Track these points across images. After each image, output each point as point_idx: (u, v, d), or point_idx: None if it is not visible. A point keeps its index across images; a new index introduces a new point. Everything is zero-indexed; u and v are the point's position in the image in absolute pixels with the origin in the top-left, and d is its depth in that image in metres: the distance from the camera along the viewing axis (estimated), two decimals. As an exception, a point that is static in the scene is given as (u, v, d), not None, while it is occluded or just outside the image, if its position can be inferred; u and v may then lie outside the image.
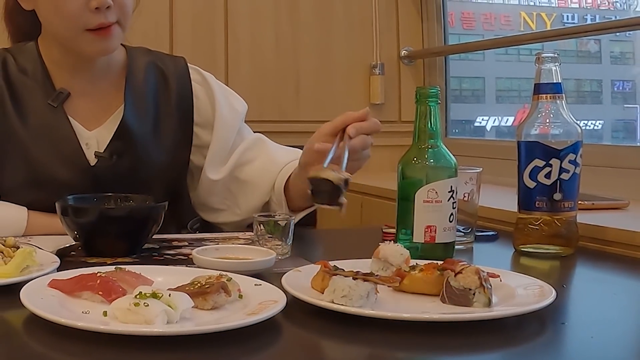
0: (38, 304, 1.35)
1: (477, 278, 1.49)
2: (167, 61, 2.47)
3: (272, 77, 4.00)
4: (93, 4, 2.11)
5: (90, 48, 2.20)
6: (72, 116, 2.27)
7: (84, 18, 2.13)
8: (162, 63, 2.44)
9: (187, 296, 1.39)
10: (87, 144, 2.27)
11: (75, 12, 2.12)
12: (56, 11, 2.15)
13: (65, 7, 2.12)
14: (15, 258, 1.63)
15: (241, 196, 2.44)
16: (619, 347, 1.39)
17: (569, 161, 2.08)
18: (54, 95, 2.26)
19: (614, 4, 4.18)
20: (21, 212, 2.21)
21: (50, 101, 2.25)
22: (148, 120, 2.35)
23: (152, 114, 2.36)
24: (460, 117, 4.58)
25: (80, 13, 2.13)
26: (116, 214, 2.02)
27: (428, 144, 1.98)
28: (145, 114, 2.35)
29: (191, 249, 1.90)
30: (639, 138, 4.15)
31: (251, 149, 2.46)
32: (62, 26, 2.18)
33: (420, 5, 4.32)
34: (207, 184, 2.43)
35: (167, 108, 2.39)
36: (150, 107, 2.36)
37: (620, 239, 2.16)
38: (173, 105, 2.39)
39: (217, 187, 2.43)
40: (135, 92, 2.35)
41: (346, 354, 1.35)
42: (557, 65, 2.11)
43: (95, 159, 2.26)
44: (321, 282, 1.53)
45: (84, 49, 2.20)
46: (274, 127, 3.85)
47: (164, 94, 2.40)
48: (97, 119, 2.32)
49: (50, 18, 2.20)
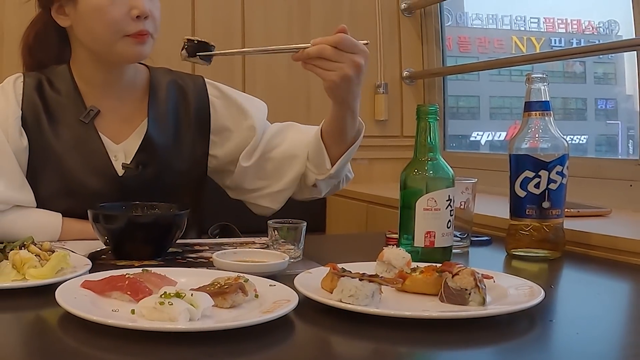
0: (71, 303, 1.36)
1: (472, 279, 1.48)
2: (187, 79, 2.48)
3: (285, 94, 4.00)
4: (134, 12, 2.14)
5: (128, 52, 2.20)
6: (101, 131, 2.28)
7: (125, 24, 2.16)
8: (182, 81, 2.45)
9: (207, 296, 1.39)
10: (115, 156, 2.28)
11: (118, 18, 2.15)
12: (100, 18, 2.16)
13: (110, 13, 2.14)
14: (50, 261, 1.63)
15: (276, 173, 2.42)
16: (602, 343, 1.39)
17: (557, 172, 2.08)
18: (85, 112, 2.27)
19: (598, 29, 4.18)
20: (56, 219, 2.21)
21: (82, 118, 2.26)
22: (169, 133, 2.36)
23: (173, 128, 2.37)
24: (457, 132, 4.58)
25: (122, 19, 2.15)
26: (143, 221, 2.02)
27: (428, 157, 1.98)
28: (167, 128, 2.36)
29: (211, 253, 1.90)
30: (620, 151, 4.14)
31: (281, 131, 2.46)
32: (104, 32, 2.18)
33: (420, 30, 4.31)
34: (240, 171, 2.41)
35: (186, 122, 2.40)
36: (171, 121, 2.37)
37: (603, 244, 2.16)
38: (192, 118, 2.40)
39: (250, 171, 2.41)
40: (157, 108, 2.36)
41: (353, 348, 1.35)
42: (545, 85, 2.11)
43: (123, 170, 2.26)
44: (330, 283, 1.52)
45: (122, 52, 2.20)
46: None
47: (183, 109, 2.41)
48: (123, 133, 2.32)
49: (92, 25, 2.19)
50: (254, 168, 2.40)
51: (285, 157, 2.40)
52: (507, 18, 4.78)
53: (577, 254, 2.19)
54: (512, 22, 4.81)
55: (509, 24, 4.81)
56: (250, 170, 2.40)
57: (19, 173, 2.22)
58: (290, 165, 2.40)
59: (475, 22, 4.76)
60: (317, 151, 2.30)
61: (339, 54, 2.07)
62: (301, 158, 2.38)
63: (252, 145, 2.39)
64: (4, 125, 2.21)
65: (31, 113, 2.25)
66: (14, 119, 2.23)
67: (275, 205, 2.45)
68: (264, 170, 2.42)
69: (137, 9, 2.15)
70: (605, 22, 4.00)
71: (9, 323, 1.44)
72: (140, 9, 2.15)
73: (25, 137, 2.24)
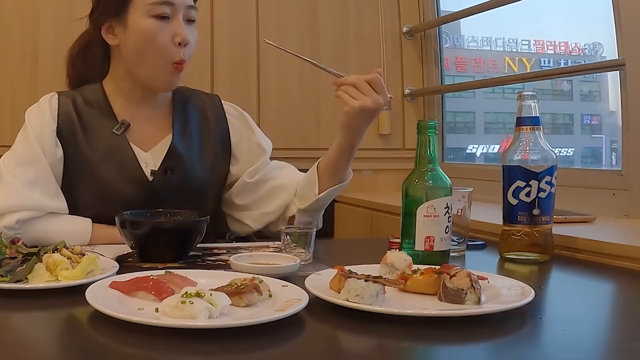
0: (100, 302, 1.36)
1: (468, 280, 1.48)
2: (204, 98, 2.54)
3: (296, 111, 4.00)
4: (177, 39, 2.21)
5: (165, 80, 2.28)
6: (131, 141, 2.31)
7: (169, 51, 2.22)
8: (200, 99, 2.51)
9: (225, 295, 1.39)
10: (145, 163, 2.31)
11: (164, 44, 2.21)
12: (149, 42, 2.21)
13: (158, 39, 2.20)
14: (81, 263, 1.63)
15: (267, 198, 2.47)
16: (587, 338, 1.39)
17: (546, 182, 2.07)
18: (117, 125, 2.31)
19: (584, 51, 4.17)
20: (87, 224, 2.22)
21: (114, 130, 2.29)
22: (192, 144, 2.40)
23: (195, 139, 2.41)
24: (455, 145, 4.57)
25: (167, 46, 2.21)
26: (166, 227, 2.02)
27: (427, 168, 1.98)
28: (190, 139, 2.40)
29: (229, 256, 1.90)
30: (604, 163, 4.13)
31: (280, 167, 2.53)
32: (151, 55, 2.24)
33: (421, 52, 4.31)
34: (241, 185, 2.47)
35: (207, 135, 2.44)
36: (193, 133, 2.41)
37: (589, 248, 2.15)
38: (212, 133, 2.45)
39: (248, 188, 2.47)
40: (181, 122, 2.41)
41: (359, 343, 1.35)
42: (535, 102, 2.11)
43: (152, 176, 2.29)
44: (338, 284, 1.52)
45: (161, 79, 2.28)
46: (298, 153, 3.85)
47: (204, 124, 2.46)
48: (151, 143, 2.36)
49: (141, 48, 2.24)
50: (252, 186, 2.47)
51: (277, 187, 2.48)
52: (501, 40, 4.77)
53: (565, 257, 2.18)
54: (505, 44, 4.80)
55: (502, 46, 4.80)
56: (249, 187, 2.47)
57: (53, 183, 2.24)
58: (279, 195, 2.47)
59: (471, 44, 4.75)
60: (307, 184, 2.38)
61: (368, 89, 2.17)
62: (289, 191, 2.45)
63: (259, 164, 2.47)
64: (41, 139, 2.24)
65: (66, 126, 2.28)
66: (50, 132, 2.26)
67: (256, 227, 2.51)
68: (258, 192, 2.48)
69: (179, 36, 2.21)
70: (590, 44, 3.99)
71: (44, 320, 1.44)
72: (182, 36, 2.21)
73: (60, 148, 2.26)
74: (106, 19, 2.28)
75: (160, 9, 2.20)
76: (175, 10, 2.22)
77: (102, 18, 2.29)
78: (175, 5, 2.22)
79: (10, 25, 3.52)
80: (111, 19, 2.27)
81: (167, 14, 2.21)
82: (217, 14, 3.87)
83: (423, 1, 4.29)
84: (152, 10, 2.20)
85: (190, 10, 2.27)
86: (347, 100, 2.19)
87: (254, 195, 2.48)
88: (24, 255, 1.67)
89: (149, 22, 2.20)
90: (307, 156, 3.81)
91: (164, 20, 2.21)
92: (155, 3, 2.20)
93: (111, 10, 2.26)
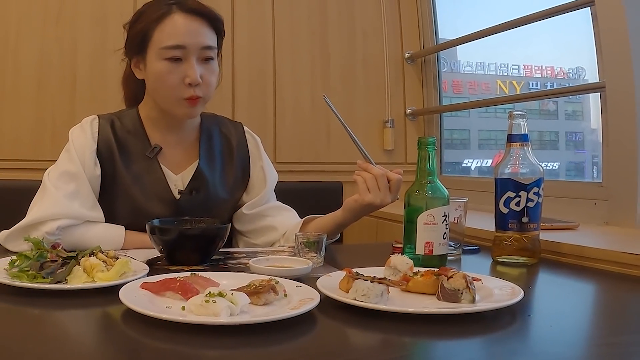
0: (132, 301, 1.36)
1: (464, 281, 1.49)
2: (229, 125, 2.56)
3: (308, 128, 3.99)
4: (187, 80, 2.20)
5: (181, 112, 2.27)
6: (163, 164, 2.33)
7: (180, 90, 2.22)
8: (225, 127, 2.53)
9: (245, 295, 1.39)
10: (175, 185, 2.33)
11: (174, 84, 2.21)
12: (161, 82, 2.23)
13: (169, 80, 2.21)
14: (115, 266, 1.64)
15: (259, 231, 2.50)
16: (571, 333, 1.38)
17: (534, 193, 2.07)
18: (150, 149, 2.32)
19: (568, 74, 4.16)
20: (120, 231, 2.24)
21: (147, 153, 2.31)
22: (216, 168, 2.42)
23: (218, 163, 2.44)
24: (452, 159, 4.56)
25: (178, 86, 2.21)
26: (192, 233, 2.03)
27: (427, 180, 1.98)
28: (214, 164, 2.42)
29: (248, 259, 1.91)
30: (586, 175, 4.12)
31: (280, 208, 2.53)
32: (164, 93, 2.25)
33: (421, 75, 4.31)
34: (239, 214, 2.50)
35: (229, 160, 2.47)
36: (217, 158, 2.44)
37: (572, 252, 2.15)
38: (234, 158, 2.48)
39: (243, 219, 2.49)
40: (207, 147, 2.43)
41: (365, 338, 1.35)
42: (524, 120, 2.11)
43: (179, 195, 2.31)
44: (346, 284, 1.53)
45: (177, 112, 2.27)
46: (310, 167, 3.87)
47: (227, 150, 2.48)
48: (180, 166, 2.38)
49: (156, 86, 2.26)
50: (248, 218, 2.50)
51: (269, 226, 2.48)
52: (493, 65, 4.76)
53: (551, 260, 2.18)
54: (497, 68, 4.78)
55: (494, 70, 4.79)
56: (245, 218, 2.50)
57: (91, 196, 2.26)
58: (269, 233, 2.48)
59: (467, 69, 4.74)
60: (293, 231, 2.34)
61: (385, 187, 2.21)
62: (279, 232, 2.46)
63: (257, 199, 2.49)
64: (82, 157, 2.26)
65: (105, 147, 2.30)
66: (90, 152, 2.27)
67: (244, 248, 2.49)
68: (251, 224, 2.50)
69: (190, 78, 2.20)
70: (574, 69, 3.98)
71: (81, 318, 1.44)
72: (192, 77, 2.20)
73: (99, 167, 2.28)
74: (132, 55, 2.31)
75: (171, 52, 2.20)
76: (188, 53, 2.20)
77: (129, 55, 2.33)
78: (187, 49, 2.20)
79: (51, 52, 3.53)
80: (136, 57, 2.30)
81: (179, 57, 2.20)
82: (238, 39, 3.88)
83: (423, 29, 4.29)
84: (164, 53, 2.20)
85: (205, 51, 2.24)
86: (361, 191, 2.22)
87: (248, 226, 2.50)
88: (63, 259, 1.68)
89: (161, 65, 2.21)
90: (318, 169, 3.84)
91: (177, 62, 2.21)
92: (167, 47, 2.19)
93: (135, 50, 2.28)
